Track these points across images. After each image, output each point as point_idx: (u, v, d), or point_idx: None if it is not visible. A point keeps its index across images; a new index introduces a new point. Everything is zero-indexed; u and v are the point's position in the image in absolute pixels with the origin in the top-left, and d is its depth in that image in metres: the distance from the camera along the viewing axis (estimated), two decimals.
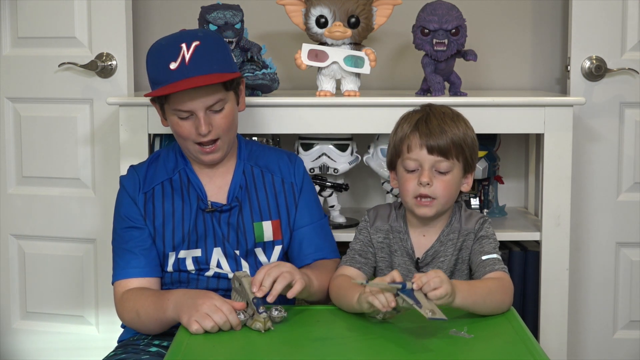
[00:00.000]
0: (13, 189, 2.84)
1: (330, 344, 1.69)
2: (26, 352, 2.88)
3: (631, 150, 2.71)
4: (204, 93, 1.92)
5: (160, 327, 1.93)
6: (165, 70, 1.91)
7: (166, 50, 1.93)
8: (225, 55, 1.97)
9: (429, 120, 1.94)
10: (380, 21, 2.34)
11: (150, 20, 2.87)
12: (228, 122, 1.97)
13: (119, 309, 1.99)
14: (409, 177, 1.94)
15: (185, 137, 1.97)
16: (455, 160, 1.93)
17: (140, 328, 1.98)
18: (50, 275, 2.84)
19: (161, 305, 1.88)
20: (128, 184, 2.04)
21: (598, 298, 2.76)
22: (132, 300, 1.95)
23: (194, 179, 2.04)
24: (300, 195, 2.08)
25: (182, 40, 1.92)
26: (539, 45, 2.86)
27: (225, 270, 2.02)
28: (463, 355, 1.62)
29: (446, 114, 1.96)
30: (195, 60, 1.90)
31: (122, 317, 2.00)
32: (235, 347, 1.70)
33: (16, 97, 2.80)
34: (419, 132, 1.93)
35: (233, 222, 2.02)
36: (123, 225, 2.02)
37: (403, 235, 2.01)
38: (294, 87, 2.83)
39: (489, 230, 1.99)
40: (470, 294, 1.77)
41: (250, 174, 2.07)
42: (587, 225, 2.74)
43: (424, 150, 1.91)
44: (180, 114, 1.94)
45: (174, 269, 2.01)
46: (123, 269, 2.00)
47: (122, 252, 2.01)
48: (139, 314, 1.93)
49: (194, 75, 1.89)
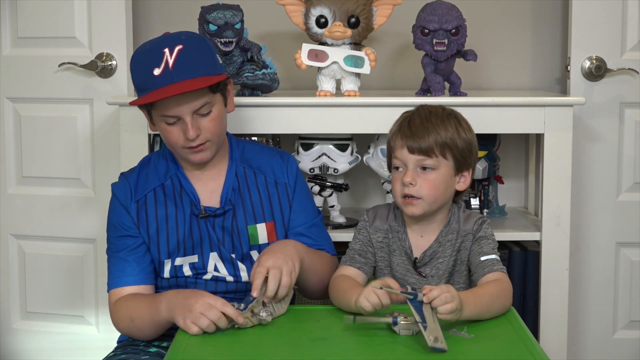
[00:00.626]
0: (13, 189, 2.84)
1: (330, 344, 1.69)
2: (26, 352, 2.88)
3: (631, 150, 2.71)
4: (190, 98, 1.89)
5: (156, 331, 1.93)
6: (149, 77, 1.87)
7: (148, 56, 1.89)
8: (209, 57, 1.93)
9: (412, 120, 1.94)
10: (380, 21, 2.34)
11: (150, 20, 2.87)
12: (216, 125, 1.95)
13: (113, 318, 1.99)
14: (396, 177, 1.95)
15: (174, 143, 1.94)
16: (441, 158, 1.92)
17: (137, 334, 1.97)
18: (50, 275, 2.84)
19: (154, 308, 1.87)
20: (119, 193, 2.02)
21: (598, 298, 2.76)
22: (125, 308, 1.94)
23: (186, 184, 2.02)
24: (294, 196, 2.07)
25: (165, 45, 1.88)
26: (539, 45, 2.86)
27: (222, 274, 2.01)
28: (463, 355, 1.62)
29: (433, 113, 1.95)
30: (179, 65, 1.87)
31: (118, 326, 1.99)
32: (235, 347, 1.70)
33: (16, 97, 2.80)
34: (401, 132, 1.94)
35: (227, 226, 2.01)
36: (116, 234, 2.01)
37: (401, 235, 2.01)
38: (294, 87, 2.83)
39: (488, 231, 1.98)
40: (477, 305, 1.77)
41: (243, 176, 2.05)
42: (587, 225, 2.74)
43: (405, 150, 1.92)
44: (167, 120, 1.92)
45: (171, 276, 2.00)
46: (117, 277, 1.99)
47: (115, 261, 2.00)
48: (133, 319, 1.92)
49: (179, 80, 1.86)
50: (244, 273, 2.01)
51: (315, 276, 1.99)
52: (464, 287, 1.98)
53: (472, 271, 1.96)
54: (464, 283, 2.00)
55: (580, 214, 2.72)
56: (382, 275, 2.01)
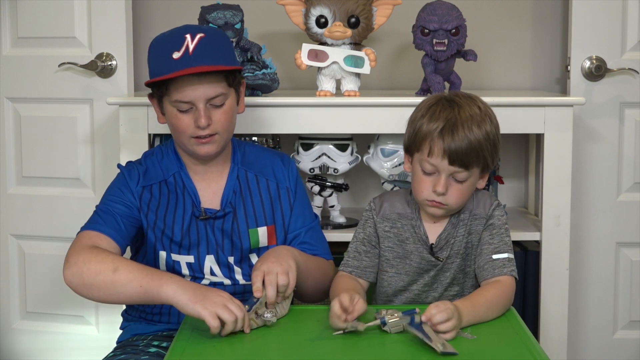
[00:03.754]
0: (13, 189, 2.84)
1: (330, 344, 1.69)
2: (26, 352, 2.88)
3: (631, 150, 2.71)
4: (207, 85, 1.89)
5: (136, 298, 1.79)
6: (167, 60, 1.88)
7: (169, 41, 1.91)
8: (229, 50, 1.96)
9: (455, 126, 1.86)
10: (380, 21, 2.34)
11: (150, 20, 2.87)
12: (227, 119, 1.95)
13: (81, 257, 1.81)
14: (425, 179, 1.91)
15: (183, 131, 1.93)
16: (474, 169, 1.90)
17: (104, 288, 1.79)
18: (50, 275, 2.84)
19: (157, 278, 1.77)
20: (128, 173, 2.00)
21: (598, 298, 2.76)
22: (112, 256, 1.82)
23: (188, 183, 2.02)
24: (295, 200, 2.07)
25: (187, 31, 1.91)
26: (539, 45, 2.86)
27: (219, 278, 2.01)
28: (463, 355, 1.62)
29: (474, 119, 1.88)
30: (200, 51, 1.88)
31: (83, 267, 1.79)
32: (236, 347, 1.70)
33: (16, 97, 2.80)
34: (443, 140, 1.86)
35: (227, 228, 2.00)
36: (113, 195, 1.96)
37: (415, 221, 1.98)
38: (294, 87, 2.83)
39: (502, 219, 1.95)
40: (474, 314, 1.78)
41: (245, 179, 2.05)
42: (587, 225, 2.74)
43: (445, 160, 1.87)
44: (180, 106, 1.91)
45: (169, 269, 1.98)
46: (97, 223, 1.91)
47: (102, 213, 1.94)
48: (118, 270, 1.78)
49: (198, 65, 1.87)
50: (240, 276, 2.01)
51: (312, 279, 1.99)
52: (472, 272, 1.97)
53: (480, 265, 1.93)
54: (474, 264, 1.97)
55: (580, 214, 2.72)
56: (389, 265, 1.99)
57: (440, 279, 1.97)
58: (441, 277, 1.97)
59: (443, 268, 1.97)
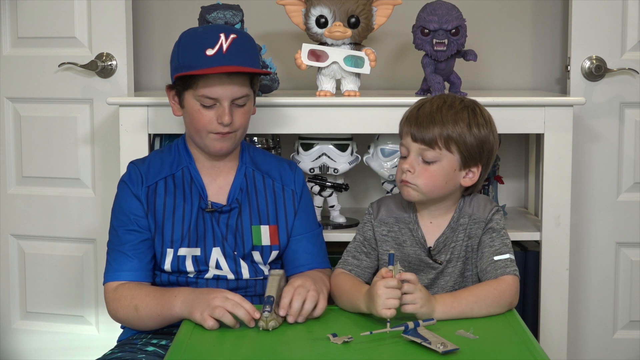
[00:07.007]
0: (13, 189, 2.84)
1: (330, 344, 1.69)
2: (26, 352, 2.88)
3: (631, 150, 2.71)
4: (236, 84, 1.95)
5: (160, 324, 1.93)
6: (201, 56, 1.92)
7: (204, 37, 1.95)
8: (256, 53, 2.03)
9: (423, 108, 1.92)
10: (380, 21, 2.34)
11: (150, 20, 2.87)
12: (246, 119, 2.01)
13: (112, 306, 1.98)
14: (400, 161, 1.95)
15: (204, 126, 1.97)
16: (444, 151, 1.89)
17: (137, 324, 1.97)
18: (50, 275, 2.84)
19: (166, 301, 1.88)
20: (129, 180, 2.03)
21: (598, 298, 2.76)
22: (130, 296, 1.94)
23: (196, 177, 2.05)
24: (300, 204, 2.09)
25: (221, 30, 1.96)
26: (539, 45, 2.86)
27: (224, 271, 2.02)
28: (463, 355, 1.62)
29: (447, 104, 1.91)
30: (233, 51, 1.93)
31: (117, 314, 1.98)
32: (236, 347, 1.70)
33: (16, 97, 2.80)
34: (409, 118, 1.93)
35: (232, 223, 2.03)
36: (123, 225, 2.01)
37: (412, 225, 1.99)
38: (294, 87, 2.83)
39: (500, 223, 1.96)
40: (454, 305, 1.79)
41: (252, 177, 2.08)
42: (587, 225, 2.74)
43: (409, 137, 1.91)
44: (204, 101, 1.96)
45: (173, 269, 2.01)
46: (116, 271, 1.99)
47: (116, 255, 2.00)
48: (138, 309, 1.92)
49: (231, 64, 1.92)
50: (245, 270, 2.02)
51: None
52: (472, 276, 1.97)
53: (483, 268, 1.93)
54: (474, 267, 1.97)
55: (580, 214, 2.72)
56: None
57: (441, 283, 1.97)
58: (441, 281, 1.97)
59: (443, 272, 1.97)
